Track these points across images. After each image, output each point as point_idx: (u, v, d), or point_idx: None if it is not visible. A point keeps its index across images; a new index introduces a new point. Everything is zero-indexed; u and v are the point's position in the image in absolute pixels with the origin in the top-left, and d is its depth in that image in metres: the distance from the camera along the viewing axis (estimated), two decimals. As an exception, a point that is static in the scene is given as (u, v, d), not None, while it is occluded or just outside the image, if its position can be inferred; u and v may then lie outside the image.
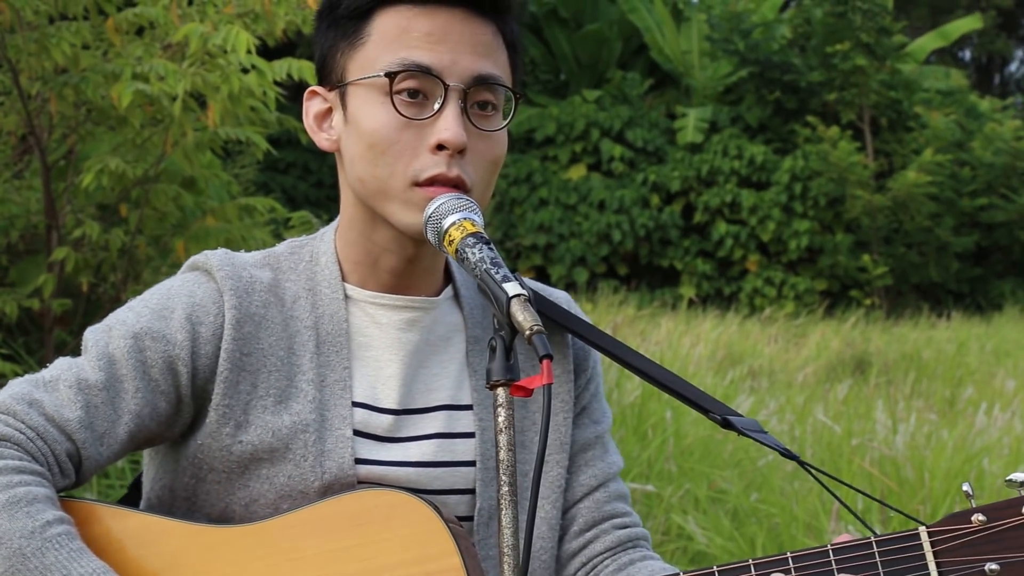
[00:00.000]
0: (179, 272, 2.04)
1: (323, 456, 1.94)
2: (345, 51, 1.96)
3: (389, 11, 1.93)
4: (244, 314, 1.95)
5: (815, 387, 11.18)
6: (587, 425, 2.14)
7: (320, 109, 2.03)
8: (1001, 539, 1.86)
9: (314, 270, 2.03)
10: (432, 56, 1.91)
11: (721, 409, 2.07)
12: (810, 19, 24.05)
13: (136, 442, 1.94)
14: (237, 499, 1.95)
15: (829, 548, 1.89)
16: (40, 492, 1.80)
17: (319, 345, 1.99)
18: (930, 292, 23.18)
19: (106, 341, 1.92)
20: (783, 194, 22.21)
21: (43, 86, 5.79)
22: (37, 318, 6.51)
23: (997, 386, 11.90)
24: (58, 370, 1.91)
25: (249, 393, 1.95)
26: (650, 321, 15.82)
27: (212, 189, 6.92)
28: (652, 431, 7.02)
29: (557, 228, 22.66)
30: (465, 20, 1.93)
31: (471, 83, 1.92)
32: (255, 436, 1.94)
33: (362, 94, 1.94)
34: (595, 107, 23.39)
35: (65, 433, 1.86)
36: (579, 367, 2.13)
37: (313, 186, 23.65)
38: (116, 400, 1.90)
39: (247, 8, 6.00)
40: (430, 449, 2.00)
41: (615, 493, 2.14)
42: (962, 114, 24.01)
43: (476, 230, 1.82)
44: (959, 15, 31.96)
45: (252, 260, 2.03)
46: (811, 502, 6.17)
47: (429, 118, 1.91)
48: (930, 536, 1.88)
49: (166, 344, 1.92)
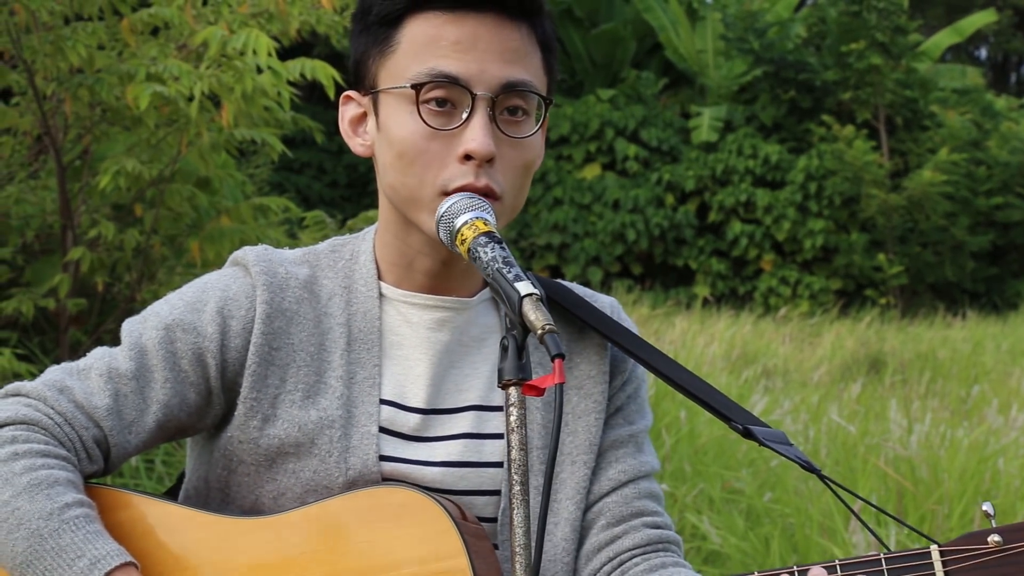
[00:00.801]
0: (223, 267, 2.08)
1: (348, 452, 1.96)
2: (376, 58, 1.96)
3: (419, 18, 1.93)
4: (275, 309, 1.98)
5: (830, 387, 11.16)
6: (620, 425, 2.12)
7: (355, 114, 2.03)
8: (1018, 562, 1.79)
9: (352, 268, 2.05)
10: (460, 65, 1.90)
11: (744, 418, 2.05)
12: (825, 18, 24.01)
13: (166, 432, 1.97)
14: (266, 492, 1.97)
15: (837, 564, 1.86)
16: (62, 475, 1.85)
17: (350, 342, 2.00)
18: (945, 291, 23.12)
19: (140, 332, 1.97)
20: (798, 193, 22.17)
21: (58, 87, 5.81)
22: (52, 317, 6.53)
23: (1013, 386, 11.87)
24: (93, 359, 1.96)
25: (277, 387, 1.97)
26: (664, 320, 15.81)
27: (226, 189, 6.93)
28: (666, 431, 7.01)
29: (571, 227, 22.66)
30: (495, 25, 1.92)
31: (499, 91, 1.91)
32: (281, 430, 1.96)
33: (392, 103, 1.94)
34: (609, 106, 23.39)
35: (93, 420, 1.91)
36: (616, 368, 2.12)
37: (328, 186, 23.68)
38: (145, 389, 1.94)
39: (261, 8, 6.01)
40: (457, 449, 2.01)
41: (646, 491, 2.09)
42: (978, 113, 23.95)
43: (488, 229, 1.82)
44: (974, 12, 31.87)
45: (291, 257, 2.06)
46: (825, 502, 6.16)
47: (457, 128, 1.90)
48: (942, 555, 1.83)
49: (196, 336, 1.96)
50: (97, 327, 6.51)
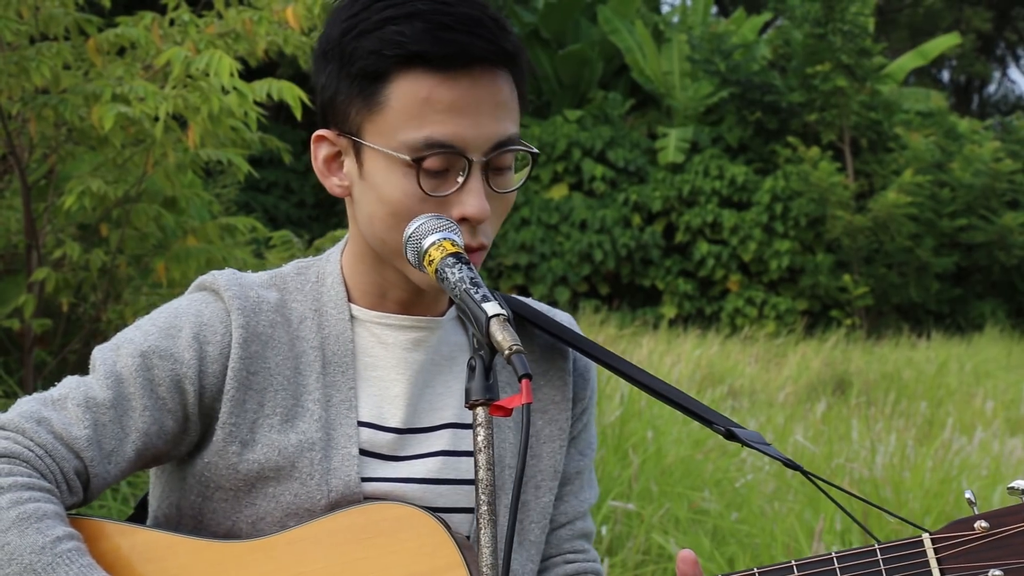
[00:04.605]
0: (187, 292, 2.06)
1: (329, 474, 1.96)
2: (361, 110, 1.92)
3: (408, 77, 1.89)
4: (251, 333, 1.97)
5: (795, 407, 11.20)
6: (574, 456, 2.15)
7: (329, 153, 1.99)
8: (1004, 545, 1.87)
9: (320, 291, 2.04)
10: (455, 130, 1.88)
11: (724, 421, 2.08)
12: (790, 40, 24.16)
13: (143, 460, 1.96)
14: (244, 517, 1.96)
15: (833, 556, 1.90)
16: (50, 508, 1.83)
17: (325, 365, 2.00)
18: (910, 312, 23.26)
19: (114, 359, 1.94)
20: (764, 214, 22.27)
21: (23, 107, 5.79)
22: (17, 338, 6.49)
23: (977, 406, 11.95)
24: (66, 388, 1.93)
25: (255, 412, 1.96)
26: (631, 340, 15.84)
27: (193, 209, 6.91)
28: (633, 451, 7.02)
29: (539, 247, 22.69)
30: (484, 81, 1.91)
31: (491, 150, 1.91)
32: (261, 454, 1.95)
33: (383, 161, 1.91)
34: (577, 127, 23.44)
35: (73, 451, 1.88)
36: (577, 396, 2.15)
37: (295, 206, 23.63)
38: (124, 418, 1.92)
39: (228, 28, 6.01)
40: (435, 466, 2.02)
41: (579, 531, 2.16)
42: (942, 135, 24.12)
43: (456, 250, 1.82)
44: (938, 36, 32.16)
45: (259, 280, 2.04)
46: (790, 522, 6.18)
47: (452, 193, 1.90)
48: (933, 543, 1.89)
49: (174, 363, 1.94)
50: (62, 347, 6.47)
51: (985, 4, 38.82)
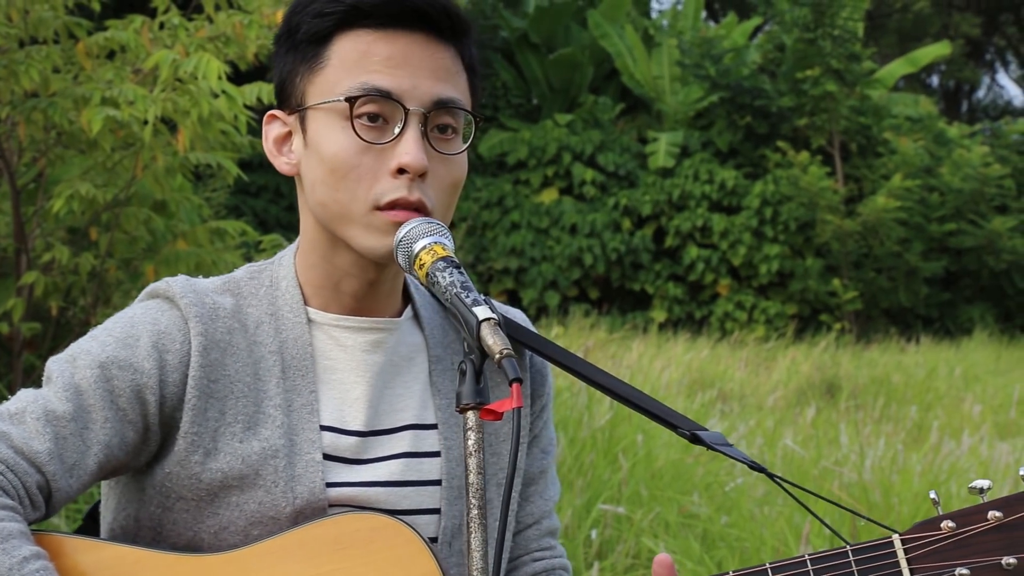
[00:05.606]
0: (137, 300, 2.02)
1: (294, 481, 1.93)
2: (304, 75, 1.96)
3: (349, 35, 1.94)
4: (210, 341, 1.94)
5: (785, 411, 11.21)
6: (537, 456, 2.16)
7: (279, 133, 2.02)
8: (970, 544, 1.92)
9: (275, 295, 2.03)
10: (392, 80, 1.91)
11: (689, 424, 2.08)
12: (780, 45, 24.19)
13: (104, 472, 1.92)
14: (206, 527, 1.93)
15: (807, 558, 1.92)
16: (14, 527, 1.79)
17: (285, 370, 1.98)
18: (899, 317, 23.29)
19: (71, 371, 1.90)
20: (754, 218, 22.29)
21: (12, 110, 5.78)
22: (6, 342, 6.47)
23: (965, 410, 11.97)
24: (23, 402, 1.88)
25: (217, 420, 1.94)
26: (621, 345, 15.85)
27: (183, 212, 6.90)
28: (623, 454, 7.02)
29: (529, 252, 22.68)
30: (425, 44, 1.94)
31: (431, 107, 1.93)
32: (224, 463, 1.93)
33: (322, 118, 1.94)
34: (567, 131, 23.45)
35: (35, 465, 1.84)
36: (535, 393, 2.15)
37: (285, 209, 23.60)
38: (85, 431, 1.88)
39: (219, 32, 6.01)
40: (398, 468, 2.00)
41: (546, 530, 2.17)
42: (931, 140, 24.17)
43: (447, 254, 1.83)
44: (927, 43, 32.25)
45: (213, 286, 2.02)
46: (780, 526, 6.19)
47: (390, 142, 1.91)
48: (903, 543, 1.93)
49: (134, 373, 1.91)
50: (51, 351, 6.45)
51: (974, 10, 38.93)
